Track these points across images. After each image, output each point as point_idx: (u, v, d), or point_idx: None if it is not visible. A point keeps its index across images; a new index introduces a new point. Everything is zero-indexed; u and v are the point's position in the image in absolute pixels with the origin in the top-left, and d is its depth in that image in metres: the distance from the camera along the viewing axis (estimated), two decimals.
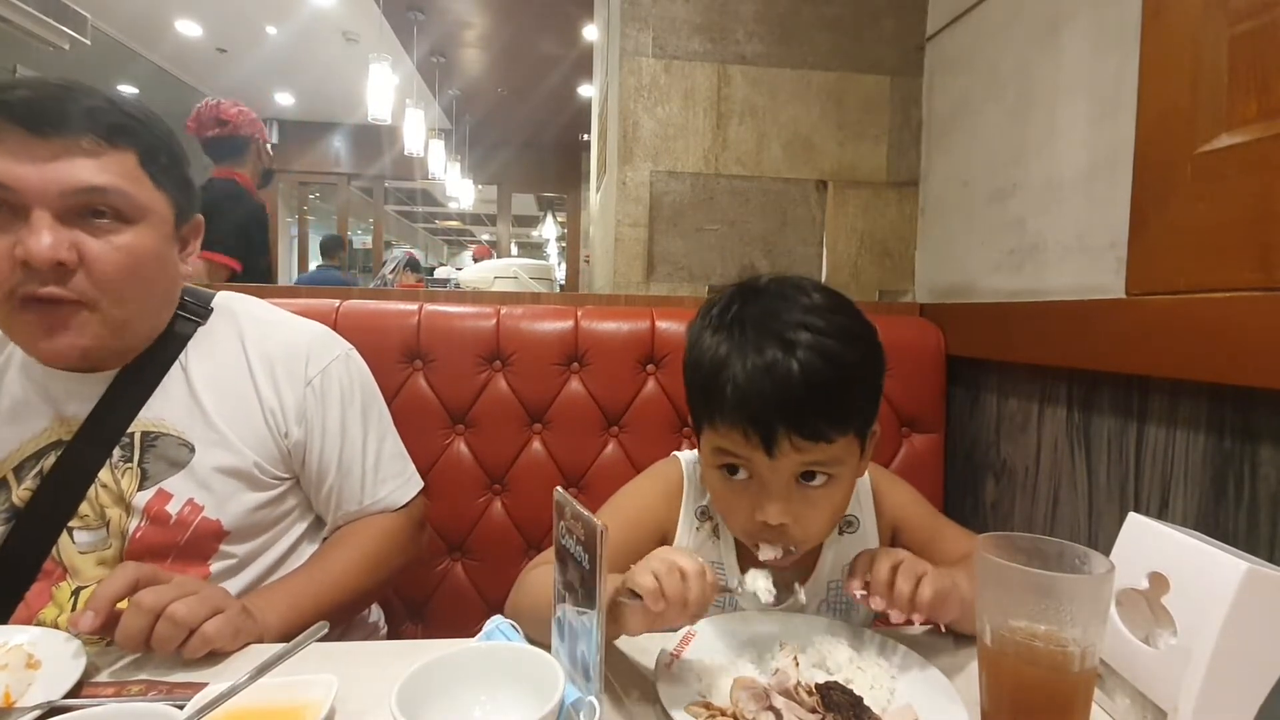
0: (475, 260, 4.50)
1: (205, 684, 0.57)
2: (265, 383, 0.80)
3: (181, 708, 0.49)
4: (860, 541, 0.77)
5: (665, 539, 0.76)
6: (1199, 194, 0.77)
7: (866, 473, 0.77)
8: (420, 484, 0.92)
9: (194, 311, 0.81)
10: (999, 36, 1.16)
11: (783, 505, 0.62)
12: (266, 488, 0.79)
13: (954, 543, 0.79)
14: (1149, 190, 0.84)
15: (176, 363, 0.78)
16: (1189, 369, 0.76)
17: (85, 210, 0.67)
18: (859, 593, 0.62)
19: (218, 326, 0.82)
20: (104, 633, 0.60)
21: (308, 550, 0.86)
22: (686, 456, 0.81)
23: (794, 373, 0.59)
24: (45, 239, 0.64)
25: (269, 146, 2.39)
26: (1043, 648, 0.48)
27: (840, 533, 0.77)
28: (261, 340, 0.82)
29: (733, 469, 0.64)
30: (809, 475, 0.63)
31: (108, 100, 0.69)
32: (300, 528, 0.85)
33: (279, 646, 0.58)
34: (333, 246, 5.38)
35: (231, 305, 0.85)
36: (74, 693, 0.55)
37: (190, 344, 0.79)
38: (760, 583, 0.63)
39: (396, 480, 0.89)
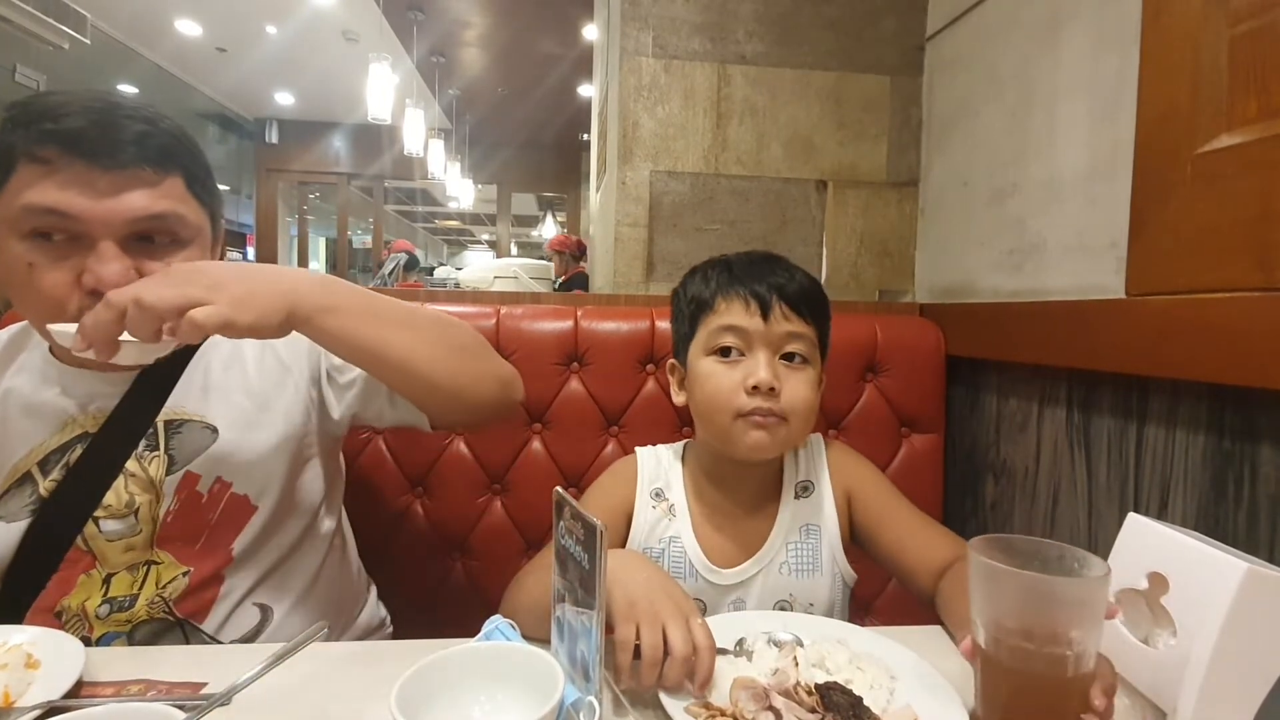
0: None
1: (205, 683, 0.57)
2: (283, 345, 0.82)
3: (181, 708, 0.49)
4: (815, 504, 0.83)
5: (628, 518, 0.83)
6: (1199, 194, 0.77)
7: (823, 443, 0.87)
8: None
9: None
10: (999, 36, 1.16)
11: (771, 370, 0.75)
12: (289, 461, 0.81)
13: (923, 536, 0.80)
14: (1149, 190, 0.84)
15: (198, 352, 0.81)
16: (1189, 369, 0.76)
17: (145, 236, 0.70)
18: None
19: None
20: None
21: (326, 523, 0.87)
22: (645, 450, 0.89)
23: (783, 269, 0.79)
24: (115, 268, 0.66)
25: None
26: (1037, 651, 0.47)
27: (796, 496, 0.83)
28: None
29: (725, 351, 0.77)
30: (788, 357, 0.77)
31: (149, 120, 0.70)
32: (317, 501, 0.86)
33: (278, 646, 0.58)
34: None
35: None
36: (73, 693, 0.55)
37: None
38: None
39: None
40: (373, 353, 0.71)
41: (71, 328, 0.61)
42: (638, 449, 0.89)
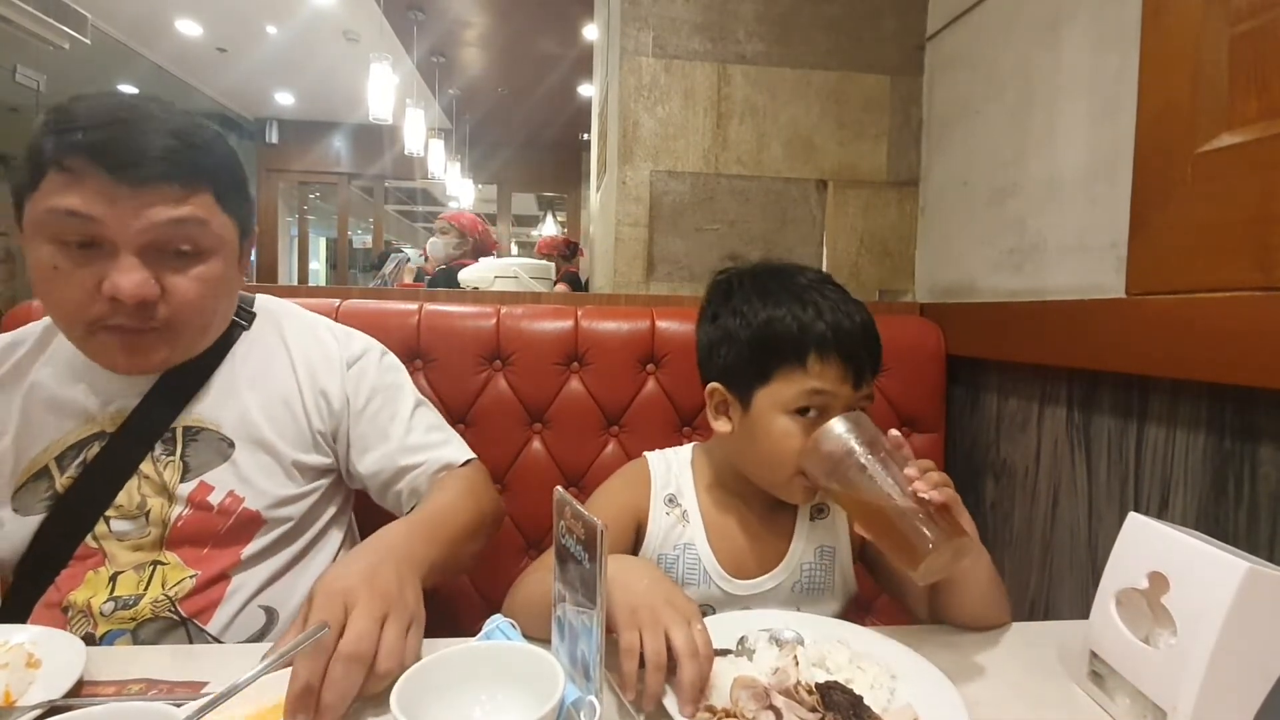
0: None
1: (205, 683, 0.57)
2: (307, 380, 0.83)
3: (181, 707, 0.49)
4: (830, 527, 0.82)
5: (640, 526, 0.82)
6: (1199, 194, 0.77)
7: None
8: (472, 454, 0.92)
9: (241, 315, 0.85)
10: (999, 36, 1.16)
11: None
12: (302, 483, 0.82)
13: None
14: (1149, 190, 0.84)
15: (223, 363, 0.81)
16: (1189, 369, 0.76)
17: (166, 246, 0.70)
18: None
19: (262, 329, 0.86)
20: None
21: (334, 535, 0.88)
22: (654, 455, 0.87)
23: (866, 323, 0.76)
24: (134, 277, 0.67)
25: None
26: (856, 473, 0.65)
27: (811, 519, 0.82)
28: (305, 342, 0.86)
29: (804, 410, 0.74)
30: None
31: (177, 135, 0.69)
32: (329, 512, 0.87)
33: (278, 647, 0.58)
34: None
35: (272, 308, 0.90)
36: (74, 692, 0.55)
37: (236, 346, 0.83)
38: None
39: (453, 444, 0.90)
40: (448, 570, 0.76)
41: None
42: (647, 454, 0.88)
